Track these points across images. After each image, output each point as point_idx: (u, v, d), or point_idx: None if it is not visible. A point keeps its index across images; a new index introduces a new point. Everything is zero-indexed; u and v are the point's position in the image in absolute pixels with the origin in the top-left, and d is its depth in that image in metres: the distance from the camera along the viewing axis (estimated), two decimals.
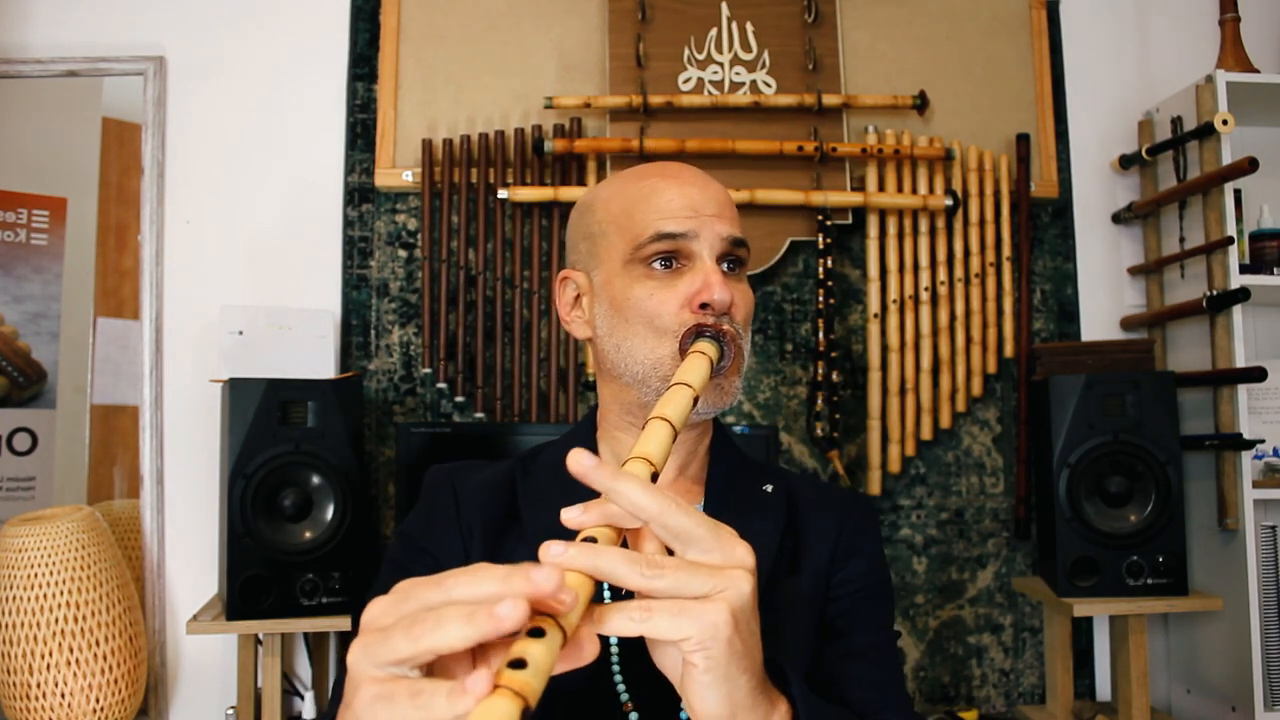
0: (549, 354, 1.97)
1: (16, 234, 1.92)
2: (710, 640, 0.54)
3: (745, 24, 2.07)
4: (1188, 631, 1.99)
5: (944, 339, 2.03)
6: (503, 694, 0.43)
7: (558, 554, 0.51)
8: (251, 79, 2.03)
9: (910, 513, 2.06)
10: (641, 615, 0.52)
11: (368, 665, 0.48)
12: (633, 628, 0.52)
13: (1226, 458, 1.85)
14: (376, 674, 0.48)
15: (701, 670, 0.55)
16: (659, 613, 0.53)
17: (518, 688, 0.43)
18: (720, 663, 0.54)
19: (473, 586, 0.47)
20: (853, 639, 0.84)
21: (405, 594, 0.50)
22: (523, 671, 0.44)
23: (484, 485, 0.88)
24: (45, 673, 1.58)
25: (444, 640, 0.45)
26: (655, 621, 0.53)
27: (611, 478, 0.55)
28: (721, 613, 0.54)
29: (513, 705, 0.42)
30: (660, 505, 0.55)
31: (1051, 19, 2.17)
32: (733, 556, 0.56)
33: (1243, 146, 2.02)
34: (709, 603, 0.54)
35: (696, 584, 0.54)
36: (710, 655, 0.54)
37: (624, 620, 0.52)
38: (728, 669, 0.55)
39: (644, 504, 0.55)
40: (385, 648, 0.47)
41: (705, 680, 0.55)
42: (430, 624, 0.46)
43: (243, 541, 1.57)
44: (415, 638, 0.46)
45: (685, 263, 0.84)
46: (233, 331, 1.80)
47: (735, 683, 0.56)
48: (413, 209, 2.02)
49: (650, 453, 0.62)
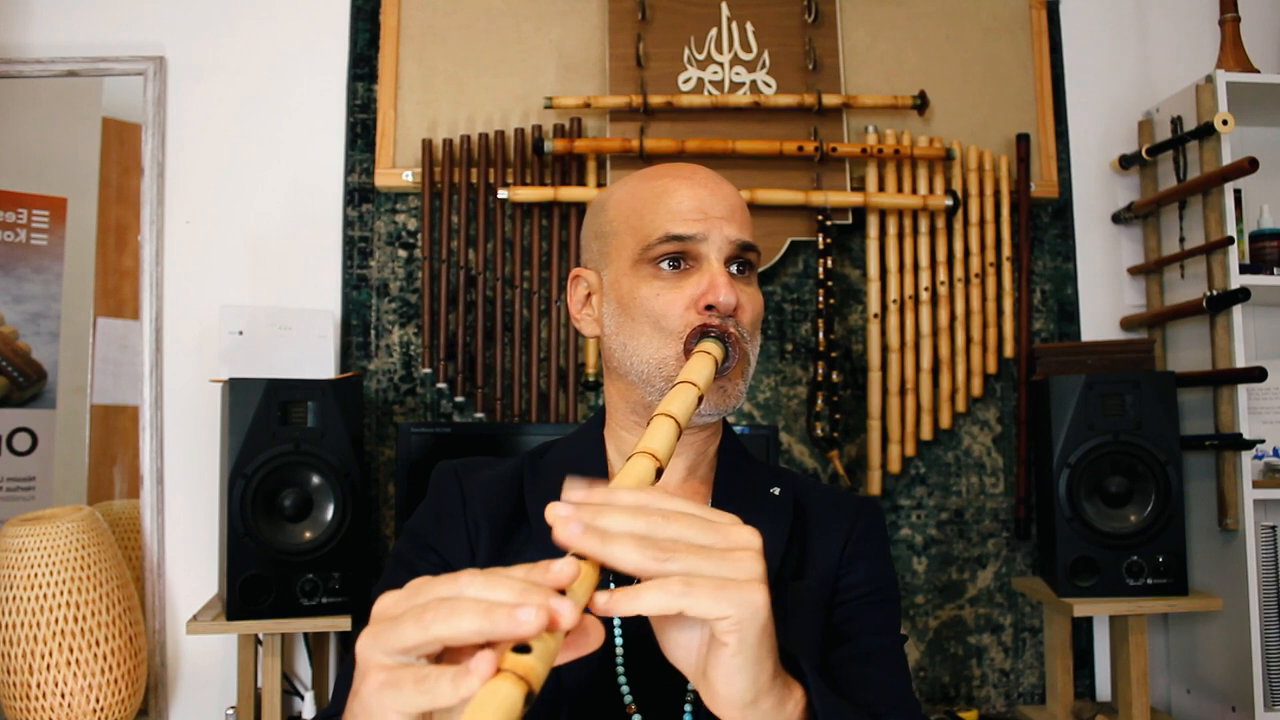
0: (549, 354, 1.97)
1: (16, 234, 1.92)
2: (749, 620, 0.54)
3: (745, 24, 2.07)
4: (1188, 631, 1.99)
5: (944, 339, 2.03)
6: (506, 677, 0.43)
7: (573, 533, 0.52)
8: (251, 79, 2.03)
9: (910, 513, 2.06)
10: (682, 590, 0.52)
11: (376, 653, 0.48)
12: (671, 604, 0.52)
13: (1226, 458, 1.85)
14: (384, 661, 0.48)
15: (733, 652, 0.54)
16: (700, 589, 0.52)
17: (522, 671, 0.43)
18: (752, 645, 0.55)
19: (487, 590, 0.48)
20: (859, 643, 0.84)
21: (418, 588, 0.50)
22: (527, 656, 0.44)
23: (491, 482, 0.88)
24: (45, 673, 1.58)
25: (455, 630, 0.46)
26: (697, 597, 0.52)
27: (592, 517, 0.54)
28: (760, 593, 0.54)
29: (516, 688, 0.42)
30: (646, 524, 0.54)
31: (1051, 19, 2.17)
32: (737, 541, 0.56)
33: (1243, 146, 2.02)
34: (748, 583, 0.54)
35: (709, 567, 0.54)
36: (744, 637, 0.54)
37: (662, 596, 0.52)
38: (758, 651, 0.55)
39: (630, 528, 0.54)
40: (394, 635, 0.47)
41: (735, 663, 0.55)
42: (442, 613, 0.46)
43: (243, 541, 1.57)
44: (425, 625, 0.46)
45: (693, 264, 0.84)
46: (233, 331, 1.80)
47: (763, 665, 0.56)
48: (413, 209, 2.02)
49: (655, 447, 0.62)
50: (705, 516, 0.56)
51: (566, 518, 0.53)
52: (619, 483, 0.59)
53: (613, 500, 0.55)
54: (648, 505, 0.55)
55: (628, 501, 0.55)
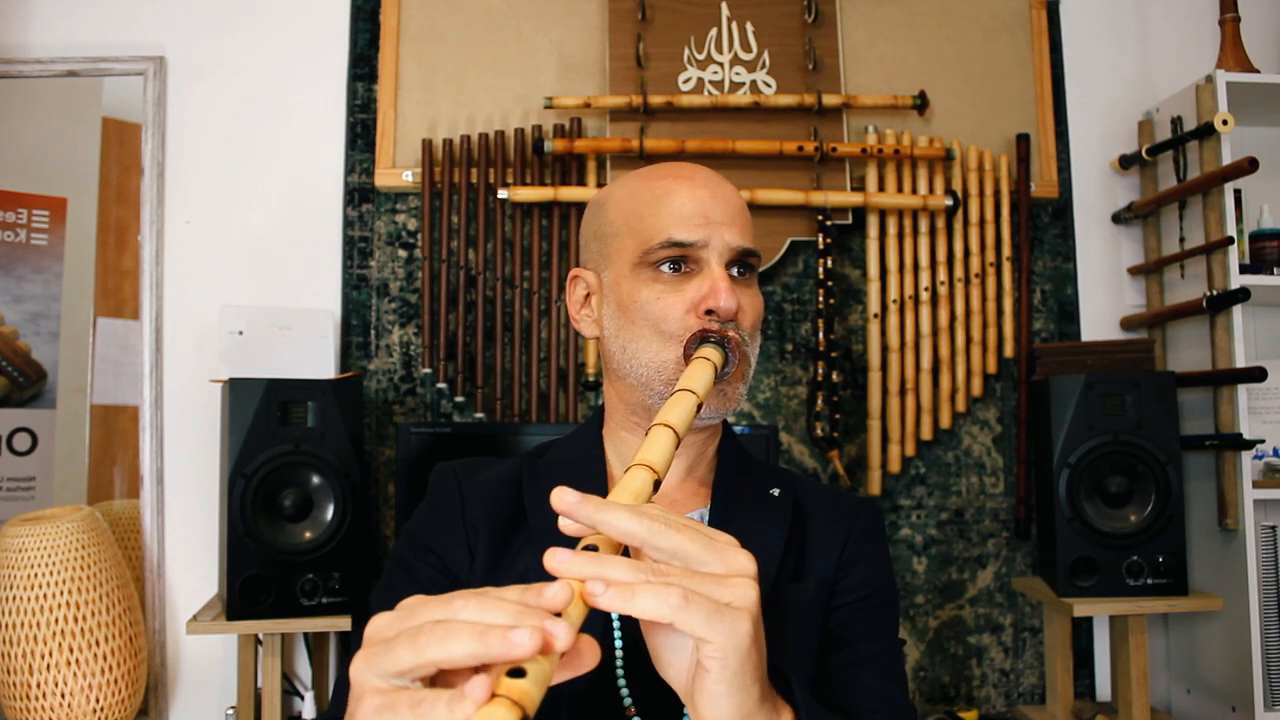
0: (549, 354, 1.97)
1: (16, 234, 1.92)
2: (731, 649, 0.54)
3: (745, 24, 2.07)
4: (1188, 631, 1.99)
5: (944, 339, 2.03)
6: (501, 702, 0.43)
7: (563, 561, 0.52)
8: (251, 79, 2.03)
9: (910, 513, 2.06)
10: (679, 603, 0.52)
11: (370, 676, 0.48)
12: (664, 613, 0.52)
13: (1226, 458, 1.85)
14: (379, 685, 0.48)
15: (715, 678, 0.55)
16: (695, 606, 0.52)
17: (516, 696, 0.43)
18: (735, 672, 0.55)
19: (481, 612, 0.47)
20: (857, 647, 0.84)
21: (411, 610, 0.50)
22: (522, 680, 0.44)
23: (490, 483, 0.88)
24: (45, 673, 1.58)
25: (449, 653, 0.45)
26: (690, 613, 0.52)
27: (597, 510, 0.55)
28: (745, 623, 0.54)
29: (511, 714, 0.42)
30: (648, 529, 0.55)
31: (1051, 19, 2.17)
32: (734, 565, 0.56)
33: (1243, 146, 2.02)
34: (736, 611, 0.54)
35: (706, 588, 0.54)
36: (727, 664, 0.54)
37: (656, 603, 0.52)
38: (742, 678, 0.55)
39: (631, 530, 0.55)
40: (388, 658, 0.47)
41: (718, 689, 0.55)
42: (436, 636, 0.46)
43: (243, 541, 1.57)
44: (419, 649, 0.46)
45: (694, 267, 0.84)
46: (233, 331, 1.80)
47: (747, 692, 0.56)
48: (413, 209, 2.02)
49: (653, 460, 0.62)
50: (707, 535, 0.57)
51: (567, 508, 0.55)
52: (616, 496, 0.59)
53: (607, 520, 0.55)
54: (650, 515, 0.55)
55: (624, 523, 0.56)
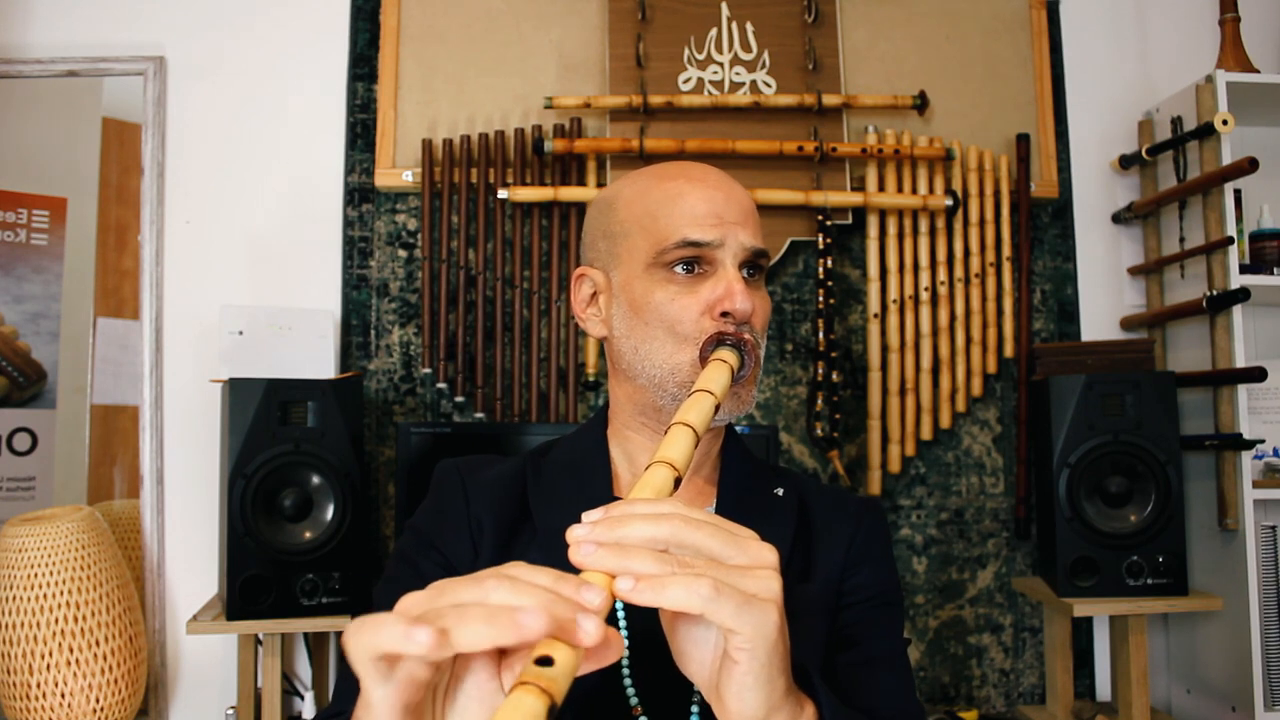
0: (549, 354, 1.97)
1: (16, 234, 1.92)
2: (760, 640, 0.54)
3: (745, 24, 2.07)
4: (1188, 631, 1.99)
5: (944, 339, 2.03)
6: (529, 690, 0.42)
7: (588, 554, 0.52)
8: (251, 79, 2.03)
9: (910, 513, 2.06)
10: (710, 593, 0.52)
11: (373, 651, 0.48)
12: (695, 604, 0.51)
13: (1226, 458, 1.85)
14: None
15: (744, 670, 0.55)
16: (725, 597, 0.52)
17: (545, 684, 0.43)
18: (763, 664, 0.55)
19: (514, 596, 0.47)
20: (864, 648, 0.84)
21: (441, 590, 0.50)
22: (550, 669, 0.44)
23: (494, 481, 0.88)
24: (45, 673, 1.58)
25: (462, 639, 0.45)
26: (721, 604, 0.52)
27: (617, 526, 0.54)
28: (773, 614, 0.54)
29: (540, 702, 0.42)
30: (671, 530, 0.54)
31: (1051, 19, 2.17)
32: (757, 557, 0.56)
33: (1243, 146, 2.02)
34: (763, 603, 0.54)
35: (733, 579, 0.54)
36: (755, 655, 0.54)
37: (687, 594, 0.51)
38: (769, 670, 0.55)
39: (655, 536, 0.54)
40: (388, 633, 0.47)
41: (747, 681, 0.55)
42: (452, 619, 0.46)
43: (242, 541, 1.57)
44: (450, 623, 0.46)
45: (708, 268, 0.83)
46: (233, 331, 1.80)
47: (774, 684, 0.56)
48: (413, 209, 2.02)
49: (673, 458, 0.62)
50: (729, 530, 0.57)
51: (582, 538, 0.54)
52: (638, 493, 0.59)
53: (632, 511, 0.55)
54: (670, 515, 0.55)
55: (647, 512, 0.55)
